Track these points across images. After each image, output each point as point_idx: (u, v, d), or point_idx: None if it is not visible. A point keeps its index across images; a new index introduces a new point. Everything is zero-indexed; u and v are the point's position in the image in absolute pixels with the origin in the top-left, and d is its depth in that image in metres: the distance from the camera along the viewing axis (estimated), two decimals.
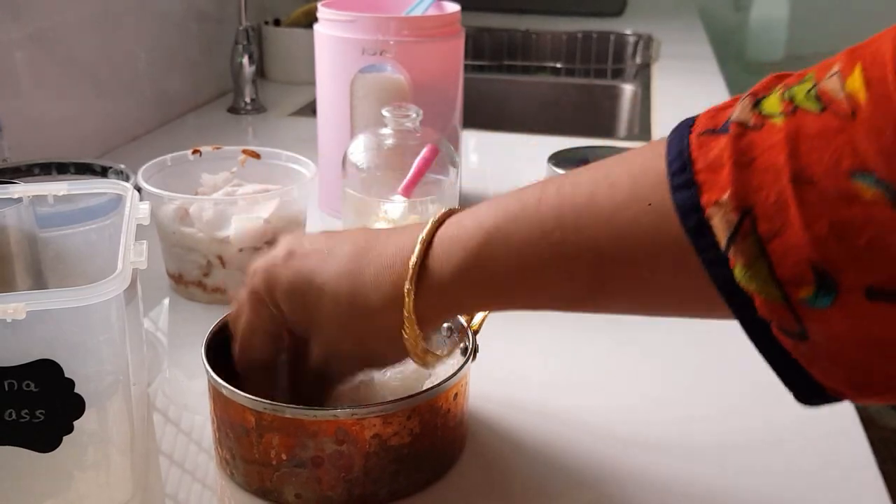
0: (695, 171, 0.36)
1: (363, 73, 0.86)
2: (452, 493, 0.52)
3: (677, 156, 0.37)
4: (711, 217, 0.35)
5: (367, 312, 0.45)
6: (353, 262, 0.46)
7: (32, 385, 0.43)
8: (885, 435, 1.95)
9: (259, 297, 0.49)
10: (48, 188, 0.54)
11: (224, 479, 0.52)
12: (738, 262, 0.34)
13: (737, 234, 0.34)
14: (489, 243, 0.42)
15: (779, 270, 0.33)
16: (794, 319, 0.34)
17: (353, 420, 0.47)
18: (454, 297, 0.45)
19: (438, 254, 0.44)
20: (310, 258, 0.47)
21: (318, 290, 0.46)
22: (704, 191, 0.35)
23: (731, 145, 0.35)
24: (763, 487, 0.53)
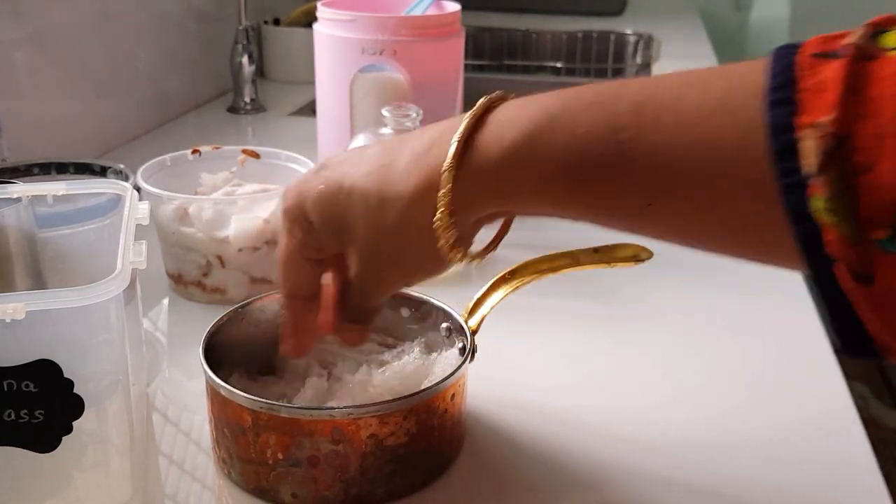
0: (798, 90, 0.33)
1: (363, 72, 0.86)
2: (450, 493, 0.52)
3: (781, 71, 0.34)
4: (804, 139, 0.33)
5: (398, 205, 0.42)
6: (383, 157, 0.44)
7: (32, 385, 0.43)
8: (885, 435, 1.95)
9: (293, 216, 0.47)
10: (47, 188, 0.54)
11: (222, 478, 0.52)
12: (821, 191, 0.32)
13: (829, 161, 0.32)
14: (550, 125, 0.39)
15: (861, 206, 0.32)
16: (862, 260, 0.32)
17: (349, 420, 0.47)
18: (495, 183, 0.40)
19: (488, 133, 0.40)
20: (342, 165, 0.45)
21: (347, 192, 0.44)
22: (804, 110, 0.33)
23: (844, 68, 0.33)
24: (763, 487, 0.53)
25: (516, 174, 0.40)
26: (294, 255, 0.48)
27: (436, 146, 0.42)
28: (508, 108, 0.41)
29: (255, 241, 0.71)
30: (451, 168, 0.40)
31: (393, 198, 0.43)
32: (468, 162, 0.41)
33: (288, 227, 0.48)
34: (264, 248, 0.72)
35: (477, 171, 0.41)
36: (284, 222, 0.48)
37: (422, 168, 0.42)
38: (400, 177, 0.43)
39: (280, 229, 0.49)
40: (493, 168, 0.40)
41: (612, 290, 0.76)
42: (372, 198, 0.43)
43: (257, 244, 0.71)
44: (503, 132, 0.40)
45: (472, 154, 0.41)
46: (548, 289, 0.60)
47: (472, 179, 0.41)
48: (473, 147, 0.41)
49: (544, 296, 0.72)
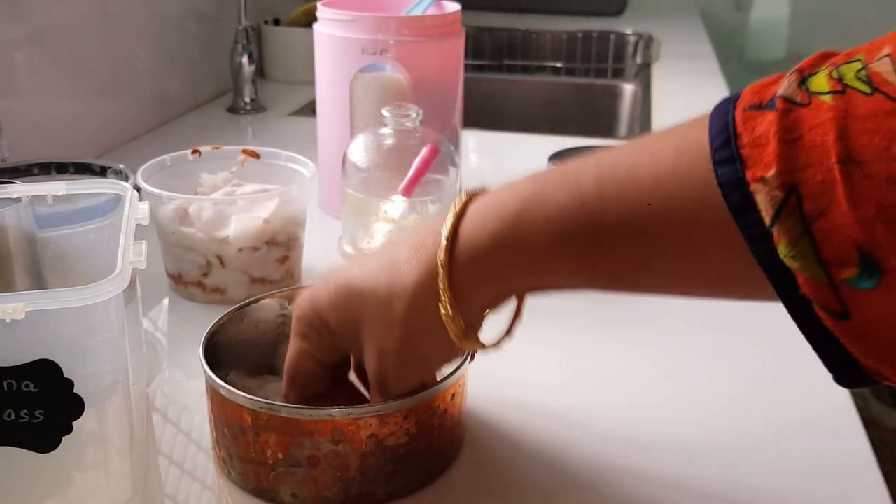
0: (739, 146, 0.35)
1: (363, 72, 0.86)
2: (450, 493, 0.52)
3: (721, 130, 0.36)
4: (756, 193, 0.34)
5: (405, 298, 0.44)
6: (386, 256, 0.46)
7: (32, 385, 0.43)
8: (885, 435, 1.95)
9: (308, 321, 0.49)
10: (47, 188, 0.54)
11: (222, 478, 0.52)
12: (781, 239, 0.34)
13: (781, 212, 0.33)
14: (526, 210, 0.41)
15: (823, 250, 0.33)
16: (836, 299, 0.33)
17: (349, 420, 0.47)
18: (489, 268, 0.43)
19: (472, 223, 0.43)
20: (349, 270, 0.48)
21: (358, 292, 0.46)
22: (749, 166, 0.34)
23: (777, 121, 0.34)
24: (763, 487, 0.53)
25: (506, 256, 0.43)
26: (307, 359, 0.50)
27: (429, 239, 0.44)
28: (484, 198, 0.44)
29: (255, 241, 0.71)
30: (444, 260, 0.43)
31: (399, 292, 0.45)
32: (458, 253, 0.43)
33: (303, 332, 0.49)
34: (264, 248, 0.72)
35: (468, 260, 0.43)
36: (298, 328, 0.49)
37: (421, 261, 0.44)
38: (403, 271, 0.45)
39: (291, 337, 0.50)
40: (482, 255, 0.43)
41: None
42: (382, 294, 0.45)
43: (257, 244, 0.71)
44: (485, 221, 0.43)
45: (460, 245, 0.43)
46: None
47: (465, 268, 0.43)
48: (461, 238, 0.43)
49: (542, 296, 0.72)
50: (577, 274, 0.42)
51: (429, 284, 0.44)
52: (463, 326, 0.44)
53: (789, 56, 2.39)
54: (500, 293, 0.46)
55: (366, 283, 0.46)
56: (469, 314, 0.44)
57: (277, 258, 0.73)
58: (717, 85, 1.48)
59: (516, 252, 0.42)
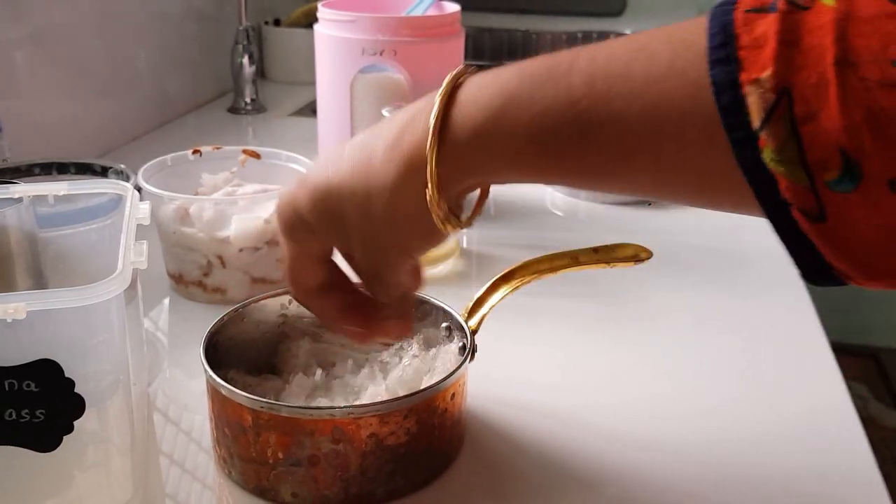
0: (737, 47, 0.34)
1: (363, 73, 0.86)
2: (450, 492, 0.52)
3: (720, 30, 0.35)
4: (748, 95, 0.34)
5: (385, 194, 0.44)
6: (361, 152, 0.46)
7: (33, 385, 0.43)
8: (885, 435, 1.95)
9: (290, 223, 0.48)
10: (48, 188, 0.54)
11: (222, 477, 0.53)
12: (768, 143, 0.34)
13: (772, 115, 0.33)
14: (511, 104, 0.41)
15: (808, 153, 0.33)
16: (815, 201, 0.33)
17: (349, 419, 0.48)
18: (470, 159, 0.43)
19: (456, 114, 0.43)
20: (324, 168, 0.47)
21: (336, 193, 0.46)
22: (745, 67, 0.34)
23: (777, 23, 0.34)
24: (763, 487, 0.53)
25: (488, 150, 0.42)
26: (300, 257, 0.49)
27: (407, 132, 0.44)
28: (472, 85, 0.44)
29: (256, 241, 0.71)
30: (433, 147, 0.43)
31: (378, 189, 0.45)
32: (444, 141, 0.43)
33: (288, 232, 0.49)
34: (265, 248, 0.72)
35: (453, 148, 0.43)
36: (283, 230, 0.49)
37: (398, 156, 0.44)
38: (380, 168, 0.45)
39: (281, 241, 0.50)
40: (466, 145, 0.43)
41: (612, 290, 0.76)
42: (359, 193, 0.45)
43: (258, 244, 0.71)
44: (470, 111, 0.42)
45: (446, 133, 0.43)
46: (547, 289, 0.60)
47: (451, 156, 0.43)
48: (447, 126, 0.43)
49: (544, 296, 0.72)
50: (556, 172, 0.42)
51: (407, 178, 0.44)
52: (446, 210, 0.44)
53: None
54: (480, 182, 0.46)
55: (343, 182, 0.46)
56: (450, 199, 0.45)
57: (278, 258, 0.73)
58: None
59: (500, 147, 0.42)
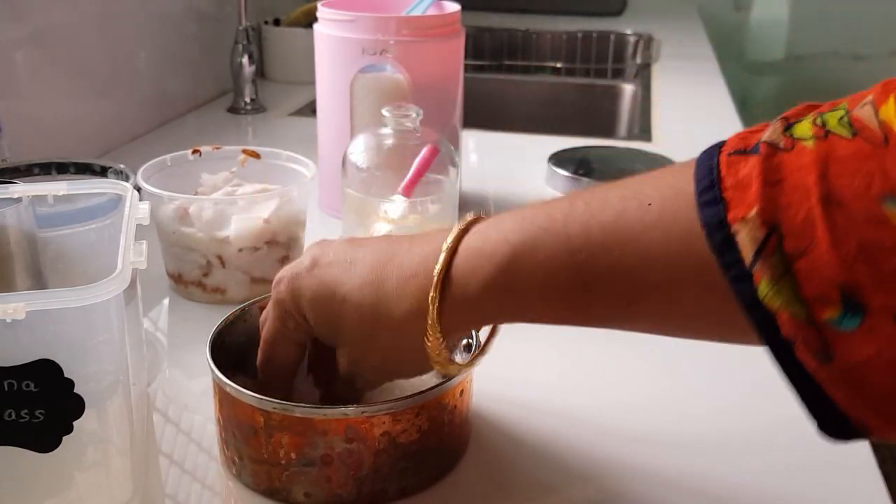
0: (723, 189, 0.36)
1: (363, 73, 0.86)
2: (458, 489, 0.52)
3: (706, 174, 0.37)
4: (737, 233, 0.35)
5: (391, 324, 0.46)
6: (375, 272, 0.46)
7: (32, 385, 0.43)
8: None
9: (286, 310, 0.49)
10: (48, 188, 0.54)
11: (230, 479, 0.52)
12: (763, 278, 0.34)
13: (763, 251, 0.34)
14: (515, 259, 0.42)
15: (804, 289, 0.33)
16: (818, 340, 0.33)
17: (362, 418, 0.48)
18: (479, 310, 0.44)
19: (463, 264, 0.44)
20: (333, 268, 0.48)
21: (340, 301, 0.47)
22: (731, 207, 0.35)
23: (760, 164, 0.35)
24: (763, 486, 0.53)
25: (495, 303, 0.44)
26: (283, 339, 0.51)
27: (421, 272, 0.45)
28: (475, 237, 0.45)
29: (256, 241, 0.71)
30: (435, 299, 0.44)
31: (385, 317, 0.46)
32: (449, 293, 0.44)
33: (280, 316, 0.50)
34: (264, 249, 0.72)
35: (459, 300, 0.44)
36: (276, 311, 0.50)
37: (410, 293, 0.45)
38: (391, 298, 0.46)
39: (269, 316, 0.51)
40: (472, 298, 0.44)
41: None
42: (366, 314, 0.46)
43: (258, 244, 0.71)
44: (476, 264, 0.44)
45: (451, 286, 0.44)
46: None
47: (456, 307, 0.44)
48: (452, 279, 0.44)
49: None
50: (565, 316, 0.43)
51: (417, 318, 0.45)
52: (447, 356, 0.46)
53: (788, 56, 2.39)
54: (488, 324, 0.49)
55: (350, 294, 0.46)
56: (453, 344, 0.47)
57: (278, 258, 0.73)
58: (716, 85, 1.48)
59: (507, 297, 0.43)
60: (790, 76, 2.39)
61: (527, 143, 1.20)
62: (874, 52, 2.31)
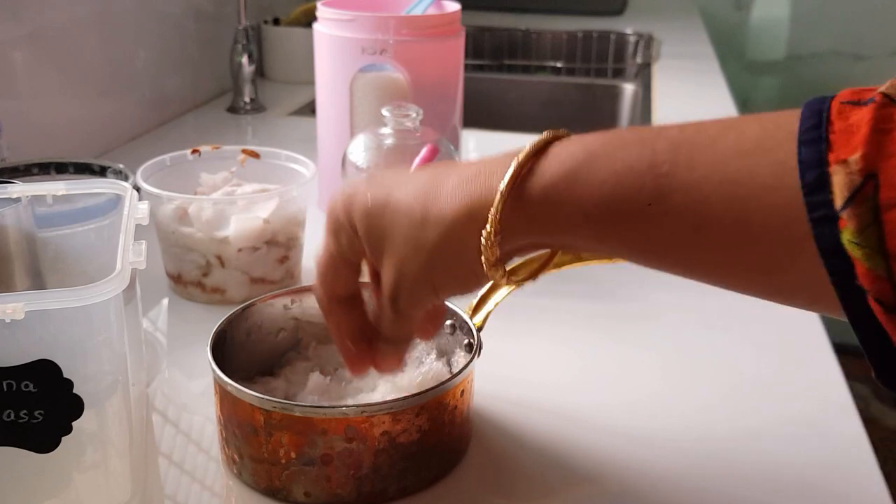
0: (829, 131, 0.35)
1: (363, 72, 0.86)
2: (459, 489, 0.52)
3: (814, 114, 0.36)
4: (834, 174, 0.34)
5: (441, 225, 0.44)
6: (431, 180, 0.46)
7: (31, 385, 0.43)
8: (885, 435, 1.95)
9: (338, 224, 0.48)
10: (47, 188, 0.54)
11: (231, 478, 0.52)
12: (849, 225, 0.33)
13: (856, 196, 0.33)
14: (590, 163, 0.40)
15: (889, 241, 0.32)
16: (892, 292, 0.33)
17: (362, 417, 0.48)
18: (537, 214, 0.42)
19: (540, 167, 0.42)
20: (390, 180, 0.47)
21: (393, 207, 0.46)
22: (834, 148, 0.34)
23: (872, 112, 0.34)
24: (763, 486, 0.53)
25: (557, 209, 0.42)
26: (335, 258, 0.50)
27: (483, 174, 0.44)
28: (561, 144, 0.43)
29: (255, 241, 0.71)
30: (507, 189, 0.42)
31: (436, 219, 0.44)
32: (518, 190, 0.42)
33: (333, 231, 0.49)
34: (264, 248, 0.72)
35: (524, 200, 0.42)
36: (330, 227, 0.49)
37: (466, 193, 0.44)
38: (444, 200, 0.44)
39: (324, 233, 0.50)
40: (536, 200, 0.42)
41: (614, 288, 0.76)
42: (416, 217, 0.45)
43: (257, 244, 0.71)
44: (549, 168, 0.42)
45: (522, 184, 0.42)
46: (549, 288, 0.60)
47: (519, 207, 0.42)
48: (526, 177, 0.42)
49: (545, 295, 0.72)
50: (623, 240, 0.41)
51: (468, 217, 0.43)
52: (498, 255, 0.44)
53: (789, 56, 2.39)
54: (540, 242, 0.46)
55: (402, 201, 0.46)
56: (505, 248, 0.44)
57: (277, 258, 0.73)
58: (717, 85, 1.48)
59: (568, 203, 0.41)
60: (791, 76, 2.39)
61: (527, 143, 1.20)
62: (874, 52, 2.30)
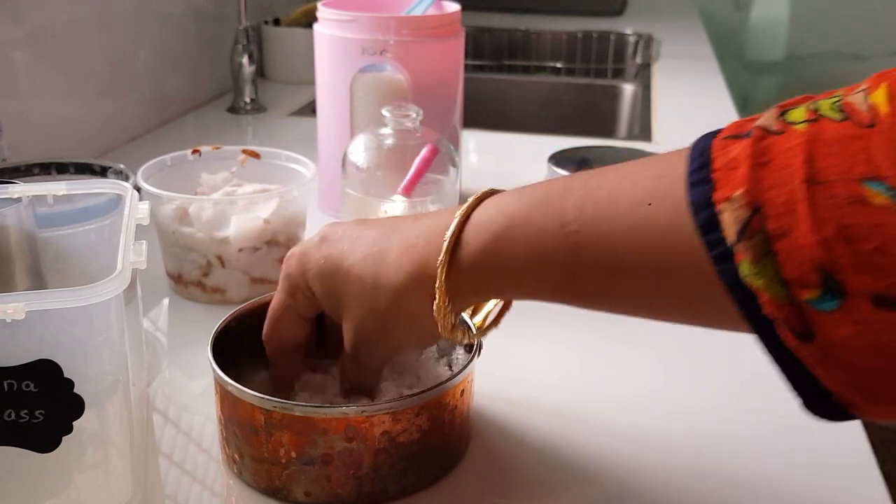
0: (712, 169, 0.36)
1: (363, 72, 0.86)
2: (459, 489, 0.52)
3: (698, 156, 0.38)
4: (722, 212, 0.35)
5: (390, 293, 0.47)
6: (378, 244, 0.48)
7: (32, 385, 0.43)
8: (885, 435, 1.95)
9: (295, 284, 0.51)
10: (48, 188, 0.54)
11: (231, 478, 0.52)
12: (745, 258, 0.34)
13: (745, 230, 0.34)
14: (509, 228, 0.43)
15: (785, 269, 0.33)
16: (799, 319, 0.34)
17: (362, 417, 0.48)
18: (474, 280, 0.45)
19: (466, 235, 0.45)
20: (341, 242, 0.49)
21: (345, 272, 0.48)
22: (718, 187, 0.36)
23: (750, 146, 0.36)
24: (763, 486, 0.53)
25: (490, 271, 0.45)
26: (289, 312, 0.52)
27: (422, 241, 0.47)
28: (483, 207, 0.46)
29: (256, 241, 0.71)
30: (444, 263, 0.45)
31: (385, 286, 0.47)
32: (455, 259, 0.45)
33: (289, 290, 0.52)
34: (264, 249, 0.72)
35: (461, 267, 0.45)
36: (285, 285, 0.52)
37: (411, 262, 0.47)
38: (391, 267, 0.47)
39: (278, 289, 0.52)
40: (469, 267, 0.45)
41: None
42: (367, 283, 0.48)
43: (257, 244, 0.71)
44: (476, 232, 0.45)
45: (457, 252, 0.45)
46: None
47: (459, 274, 0.45)
48: (459, 246, 0.45)
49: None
50: (551, 290, 0.44)
51: (415, 284, 0.46)
52: (453, 322, 0.47)
53: (789, 56, 2.39)
54: (486, 299, 0.50)
55: (353, 266, 0.48)
56: (457, 310, 0.47)
57: (278, 258, 0.73)
58: (717, 85, 1.48)
59: (497, 269, 0.44)
60: (790, 76, 2.39)
61: (527, 143, 1.20)
62: (874, 52, 2.31)
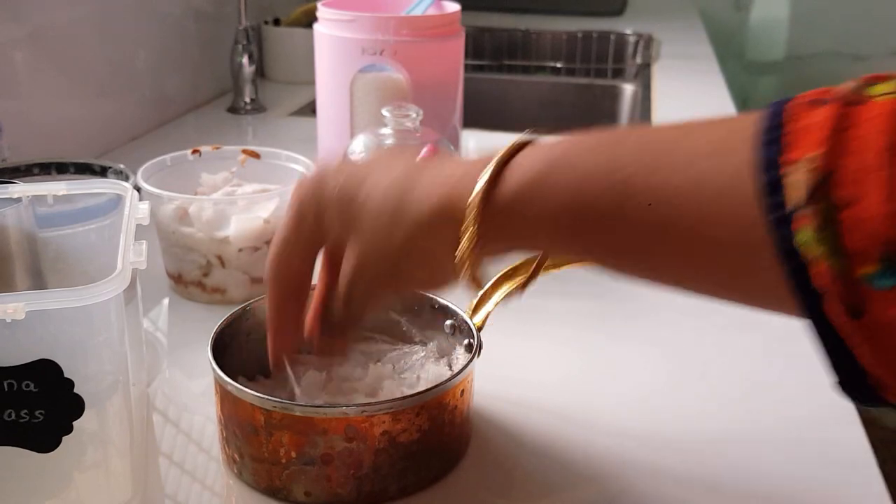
0: (786, 132, 0.35)
1: (363, 72, 0.86)
2: (459, 489, 0.52)
3: (773, 115, 0.36)
4: (791, 174, 0.34)
5: (410, 224, 0.44)
6: (406, 174, 0.45)
7: (32, 385, 0.43)
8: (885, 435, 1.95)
9: (302, 211, 0.47)
10: (48, 188, 0.54)
11: (231, 478, 0.52)
12: (805, 224, 0.33)
13: (813, 195, 0.33)
14: (554, 166, 0.41)
15: (846, 240, 0.32)
16: (851, 293, 0.32)
17: (362, 417, 0.48)
18: (508, 223, 0.42)
19: (507, 176, 0.42)
20: (363, 168, 0.46)
21: (364, 198, 0.45)
22: (792, 148, 0.34)
23: (830, 112, 0.34)
24: (763, 486, 0.53)
25: (527, 215, 0.42)
26: (293, 245, 0.48)
27: (455, 177, 0.43)
28: (525, 152, 0.43)
29: (256, 241, 0.71)
30: (478, 204, 0.42)
31: (407, 216, 0.44)
32: (490, 198, 0.42)
33: (296, 215, 0.48)
34: (264, 248, 0.72)
35: (496, 208, 0.42)
36: (292, 214, 0.48)
37: (440, 195, 0.43)
38: (416, 197, 0.44)
39: (284, 222, 0.48)
40: (503, 209, 0.42)
41: (613, 288, 0.75)
42: (386, 211, 0.44)
43: (257, 244, 0.71)
44: (519, 174, 0.42)
45: (493, 192, 0.42)
46: (548, 288, 0.60)
47: (492, 217, 0.42)
48: (496, 185, 0.42)
49: (545, 294, 0.72)
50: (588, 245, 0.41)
51: (441, 216, 0.43)
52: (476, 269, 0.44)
53: (789, 56, 2.39)
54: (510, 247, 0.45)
55: (374, 194, 0.45)
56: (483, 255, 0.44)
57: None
58: (717, 85, 1.48)
59: (534, 208, 0.41)
60: (790, 76, 2.39)
61: None
62: (874, 52, 2.30)
